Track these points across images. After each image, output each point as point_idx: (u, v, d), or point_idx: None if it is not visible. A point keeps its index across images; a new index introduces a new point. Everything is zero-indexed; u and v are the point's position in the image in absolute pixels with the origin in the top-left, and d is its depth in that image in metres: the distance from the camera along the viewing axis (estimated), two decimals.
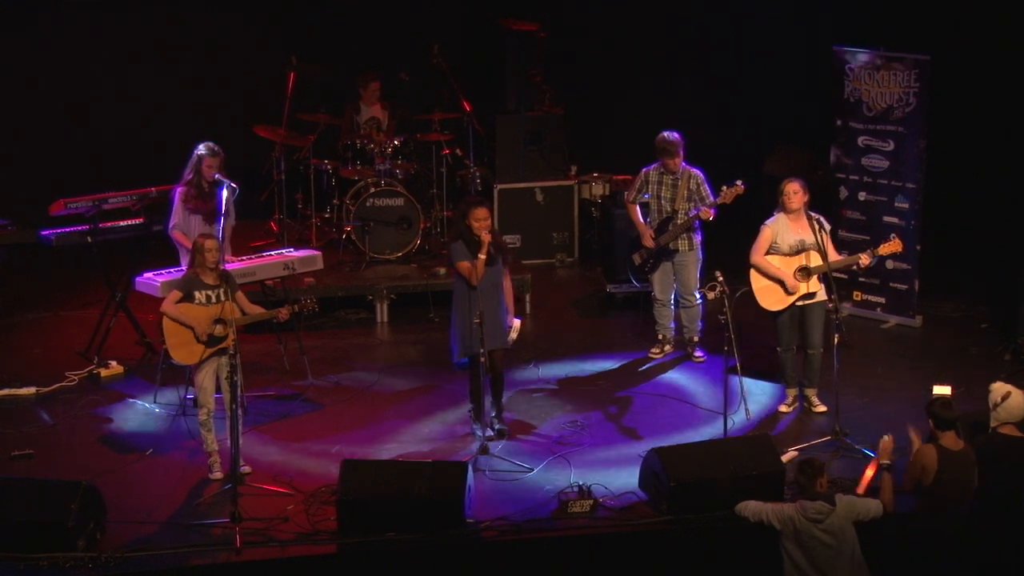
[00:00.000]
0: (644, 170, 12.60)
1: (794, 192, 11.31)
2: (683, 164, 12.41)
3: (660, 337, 12.82)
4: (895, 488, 9.47)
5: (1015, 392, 9.59)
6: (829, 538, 9.15)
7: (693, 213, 12.32)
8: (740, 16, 16.83)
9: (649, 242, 12.51)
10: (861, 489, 9.77)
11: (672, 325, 12.81)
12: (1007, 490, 9.41)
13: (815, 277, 11.28)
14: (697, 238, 12.53)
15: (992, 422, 9.61)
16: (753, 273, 11.45)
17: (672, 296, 12.71)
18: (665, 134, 12.42)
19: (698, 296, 12.53)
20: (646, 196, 12.61)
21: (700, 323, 12.70)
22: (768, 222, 11.48)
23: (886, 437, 9.72)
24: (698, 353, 12.72)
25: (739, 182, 12.09)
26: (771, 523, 9.34)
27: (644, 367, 12.65)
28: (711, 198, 12.27)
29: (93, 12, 15.81)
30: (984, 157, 15.63)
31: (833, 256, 11.34)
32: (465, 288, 10.85)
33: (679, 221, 12.39)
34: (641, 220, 12.63)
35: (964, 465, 9.35)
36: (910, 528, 9.42)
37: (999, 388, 9.66)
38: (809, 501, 9.20)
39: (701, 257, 12.55)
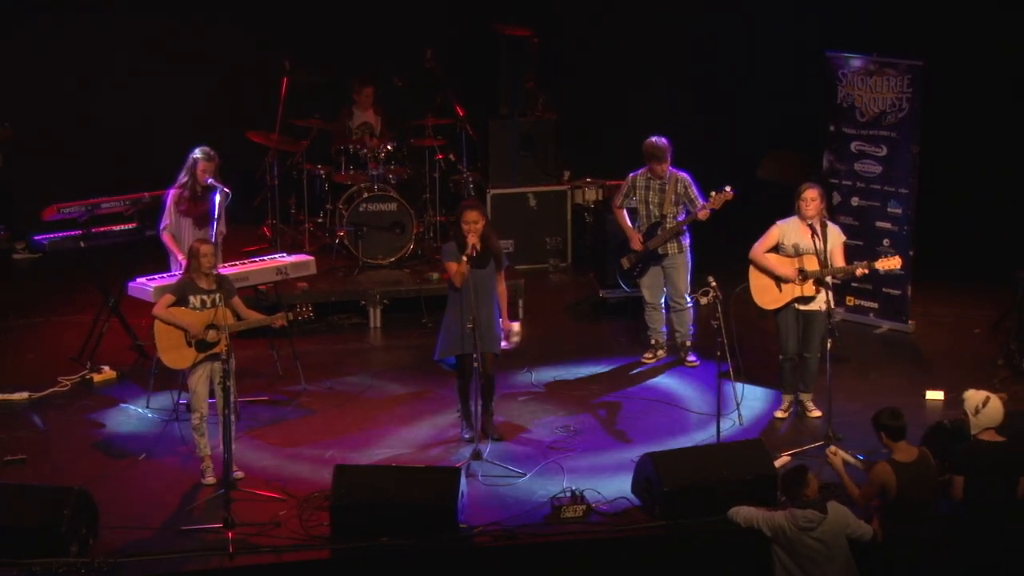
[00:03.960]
0: (631, 175, 12.61)
1: (811, 199, 11.17)
2: (670, 168, 12.42)
3: (653, 342, 12.82)
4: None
5: (992, 397, 9.59)
6: (820, 546, 9.14)
7: (682, 217, 12.33)
8: (733, 22, 16.84)
9: (638, 245, 12.51)
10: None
11: (664, 329, 12.81)
12: (993, 493, 9.43)
13: (811, 282, 11.27)
14: (685, 241, 12.53)
15: (972, 430, 9.59)
16: (751, 270, 11.44)
17: (663, 300, 12.71)
18: (653, 139, 12.42)
19: (688, 299, 12.55)
20: (633, 201, 12.61)
21: (691, 327, 12.71)
22: (780, 221, 11.43)
23: (830, 448, 9.85)
24: (691, 358, 12.72)
25: (728, 188, 12.08)
26: (761, 529, 9.34)
27: (637, 372, 12.65)
28: (700, 200, 12.27)
29: (86, 16, 15.81)
30: (977, 162, 15.65)
31: (838, 264, 11.29)
32: (454, 290, 10.88)
33: (668, 226, 12.39)
34: (629, 224, 12.64)
35: (921, 473, 9.32)
36: (884, 541, 9.40)
37: (975, 395, 9.66)
38: (799, 509, 9.19)
39: (690, 260, 12.56)
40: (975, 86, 15.76)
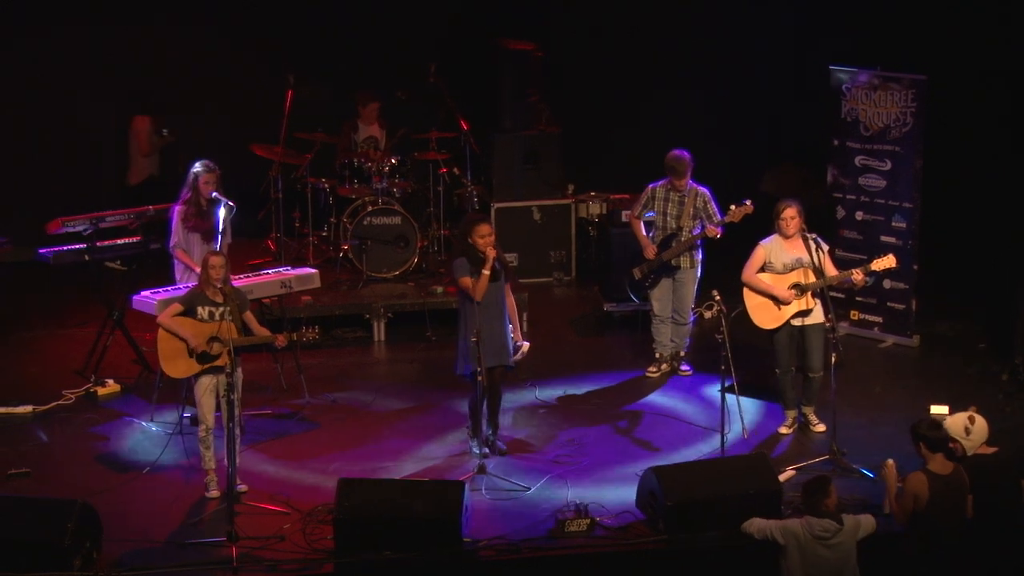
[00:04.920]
0: (651, 186, 12.58)
1: (791, 218, 11.26)
2: (690, 183, 12.41)
3: (657, 356, 12.81)
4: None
5: (972, 415, 9.69)
6: (833, 556, 9.11)
7: (698, 231, 12.33)
8: (737, 36, 16.86)
9: (651, 254, 12.49)
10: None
11: (671, 343, 12.80)
12: (999, 501, 9.45)
13: (809, 294, 11.28)
14: (698, 256, 12.53)
15: (969, 451, 9.61)
16: (746, 291, 11.46)
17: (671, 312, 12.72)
18: (675, 152, 12.40)
19: (691, 315, 12.55)
20: (650, 214, 12.61)
21: (688, 339, 12.73)
22: (763, 242, 11.48)
23: (890, 461, 9.66)
24: (684, 367, 12.73)
25: (748, 201, 12.08)
26: (775, 539, 9.27)
27: (641, 386, 12.64)
28: (718, 216, 12.28)
29: (90, 30, 15.84)
30: (981, 176, 15.64)
31: (830, 272, 11.33)
32: (469, 305, 10.86)
33: (682, 238, 12.39)
34: (644, 234, 12.61)
35: (955, 487, 9.30)
36: (902, 550, 9.40)
37: (955, 420, 9.72)
38: (816, 518, 9.16)
39: (700, 275, 12.56)
40: (979, 100, 15.75)
